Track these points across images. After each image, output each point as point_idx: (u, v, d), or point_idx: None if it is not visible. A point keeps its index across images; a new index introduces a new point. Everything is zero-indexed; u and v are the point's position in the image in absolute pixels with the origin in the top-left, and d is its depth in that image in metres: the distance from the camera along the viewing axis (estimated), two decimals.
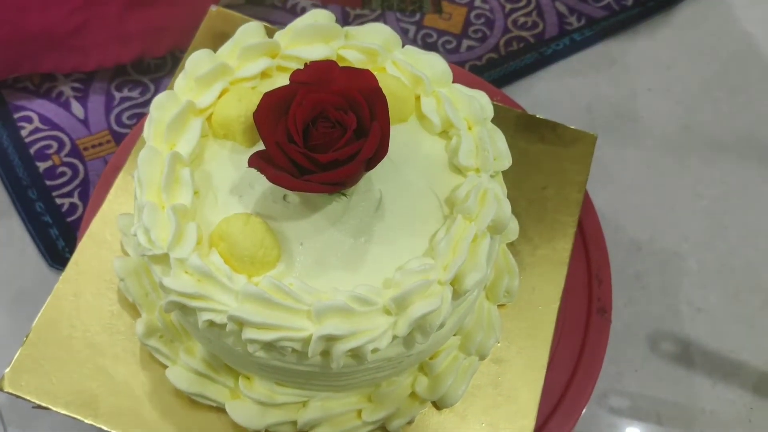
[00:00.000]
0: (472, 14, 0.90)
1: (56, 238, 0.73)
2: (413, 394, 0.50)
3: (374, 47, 0.50)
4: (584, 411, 0.59)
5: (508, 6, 0.91)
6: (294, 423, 0.48)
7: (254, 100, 0.44)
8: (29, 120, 0.80)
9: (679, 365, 0.72)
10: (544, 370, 0.53)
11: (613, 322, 0.63)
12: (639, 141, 0.84)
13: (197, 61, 0.48)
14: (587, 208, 0.65)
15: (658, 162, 0.83)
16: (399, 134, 0.48)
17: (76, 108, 0.80)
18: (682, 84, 0.88)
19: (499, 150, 0.48)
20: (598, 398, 0.69)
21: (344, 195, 0.45)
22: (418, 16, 0.90)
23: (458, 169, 0.48)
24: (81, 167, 0.77)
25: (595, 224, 0.65)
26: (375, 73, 0.44)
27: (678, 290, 0.76)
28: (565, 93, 0.87)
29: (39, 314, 0.52)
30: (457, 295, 0.43)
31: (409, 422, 0.51)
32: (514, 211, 0.48)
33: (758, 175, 0.82)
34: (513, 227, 0.56)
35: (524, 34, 0.89)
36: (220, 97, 0.48)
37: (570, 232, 0.58)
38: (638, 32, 0.92)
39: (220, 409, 0.49)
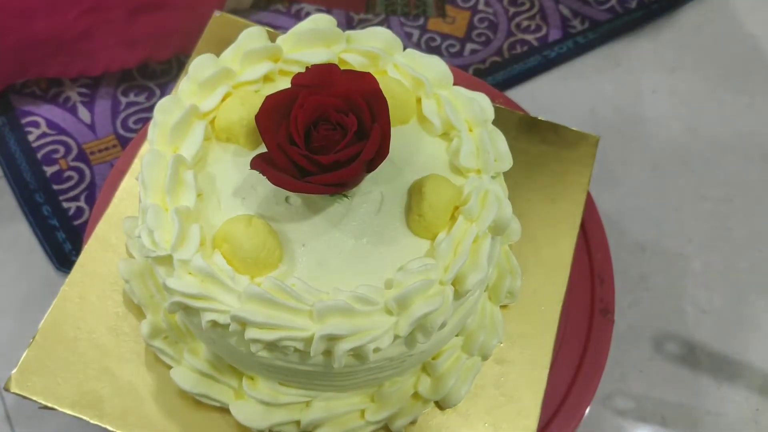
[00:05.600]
0: (476, 18, 0.90)
1: (63, 242, 0.74)
2: (416, 394, 0.50)
3: (375, 51, 0.50)
4: (589, 413, 0.59)
5: (512, 9, 0.91)
6: (297, 423, 0.49)
7: (256, 104, 0.45)
8: (36, 125, 0.80)
9: (684, 367, 0.72)
10: (547, 371, 0.53)
11: (618, 324, 0.63)
12: (643, 143, 0.84)
13: (200, 66, 0.49)
14: (590, 209, 0.65)
15: (663, 164, 0.83)
16: (400, 136, 0.48)
17: (83, 113, 0.81)
18: (686, 86, 0.88)
19: (500, 151, 0.49)
20: (602, 400, 0.69)
21: (346, 196, 0.45)
22: (421, 20, 0.90)
23: (459, 171, 0.48)
24: (87, 171, 0.78)
25: (598, 225, 0.65)
26: (376, 76, 0.45)
27: (683, 291, 0.76)
28: (569, 96, 0.87)
29: (45, 316, 0.53)
30: (458, 295, 0.44)
31: (412, 422, 0.51)
32: (516, 213, 0.48)
33: (762, 176, 0.82)
34: (515, 228, 0.56)
35: (528, 37, 0.90)
36: (223, 100, 0.48)
37: (572, 233, 0.58)
38: (642, 35, 0.92)
39: (224, 410, 0.50)
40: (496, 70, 0.87)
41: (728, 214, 0.80)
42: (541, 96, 0.86)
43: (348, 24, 0.89)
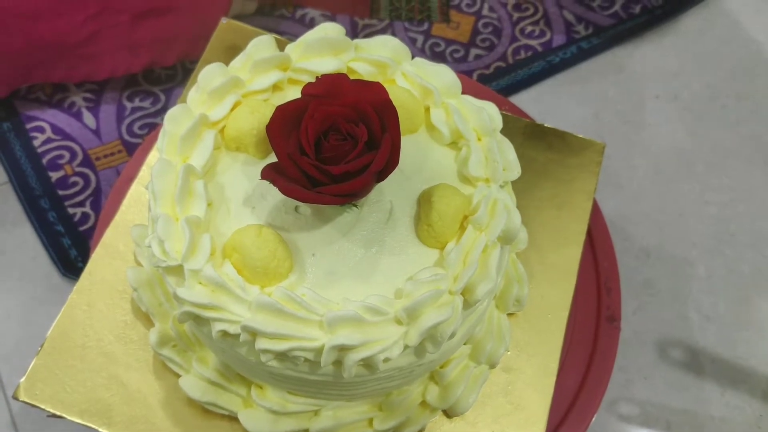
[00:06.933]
0: (480, 23, 0.91)
1: (68, 248, 0.74)
2: (424, 403, 0.51)
3: (384, 60, 0.50)
4: (594, 418, 0.59)
5: (516, 15, 0.91)
6: None
7: (266, 113, 0.45)
8: (42, 130, 0.80)
9: (688, 372, 0.72)
10: (554, 378, 0.53)
11: (623, 329, 0.63)
12: (647, 148, 0.84)
13: (210, 75, 0.49)
14: (596, 216, 0.65)
15: (666, 169, 0.83)
16: (409, 145, 0.48)
17: (88, 118, 0.81)
18: (689, 91, 0.89)
19: (509, 160, 0.49)
20: (607, 406, 0.69)
21: (355, 206, 0.46)
22: (426, 26, 0.90)
23: (468, 180, 0.48)
24: (93, 177, 0.78)
25: (604, 232, 0.65)
26: (385, 85, 0.45)
27: (687, 297, 0.76)
28: (572, 101, 0.87)
29: (53, 324, 0.53)
30: (467, 304, 0.44)
31: (420, 431, 0.51)
32: (523, 221, 0.48)
33: (765, 181, 0.82)
34: (522, 236, 0.56)
35: (532, 42, 0.90)
36: (232, 110, 0.48)
37: (579, 240, 0.58)
38: (645, 40, 0.92)
39: (233, 418, 0.50)
40: (500, 76, 0.87)
41: (732, 219, 0.80)
42: (545, 101, 0.87)
43: (352, 29, 0.89)
